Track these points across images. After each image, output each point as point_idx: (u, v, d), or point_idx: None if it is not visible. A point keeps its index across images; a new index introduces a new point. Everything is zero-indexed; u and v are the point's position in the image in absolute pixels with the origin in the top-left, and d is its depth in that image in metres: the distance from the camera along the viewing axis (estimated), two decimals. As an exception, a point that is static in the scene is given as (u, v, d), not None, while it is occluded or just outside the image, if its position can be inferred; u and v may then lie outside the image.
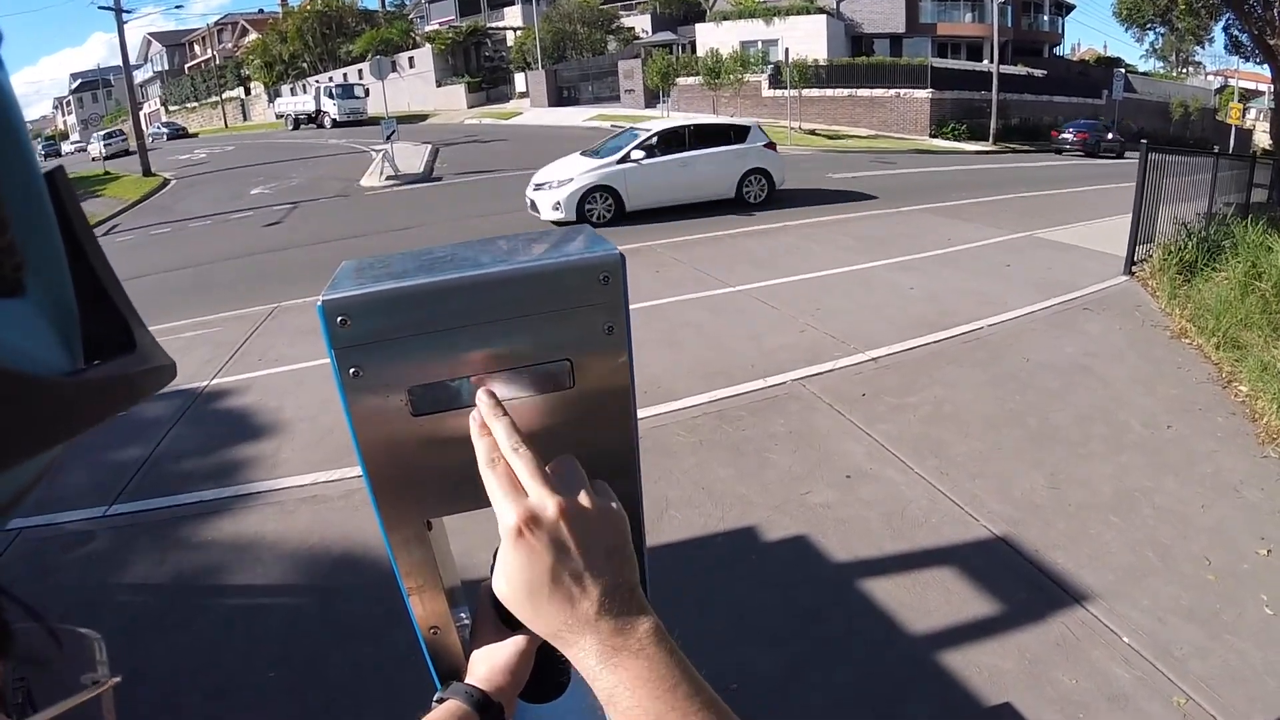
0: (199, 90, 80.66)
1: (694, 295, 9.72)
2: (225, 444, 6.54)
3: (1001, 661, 3.73)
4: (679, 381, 6.98)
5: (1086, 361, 7.11)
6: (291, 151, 36.66)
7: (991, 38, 37.12)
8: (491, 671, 1.02)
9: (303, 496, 5.58)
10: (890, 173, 23.15)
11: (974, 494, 5.10)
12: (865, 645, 3.93)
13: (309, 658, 4.06)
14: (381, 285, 0.88)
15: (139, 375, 0.44)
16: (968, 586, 4.25)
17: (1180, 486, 5.14)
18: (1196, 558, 4.41)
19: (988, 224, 13.62)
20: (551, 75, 48.59)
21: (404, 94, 51.92)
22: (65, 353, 0.39)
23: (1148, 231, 10.11)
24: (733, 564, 4.61)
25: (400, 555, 1.02)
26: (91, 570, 5.03)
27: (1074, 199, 17.09)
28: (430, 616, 1.08)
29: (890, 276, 10.31)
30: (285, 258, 14.81)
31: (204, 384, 7.83)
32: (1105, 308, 8.58)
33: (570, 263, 0.93)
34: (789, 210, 15.76)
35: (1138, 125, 40.42)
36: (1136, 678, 3.59)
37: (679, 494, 5.24)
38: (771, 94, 37.53)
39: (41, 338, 0.37)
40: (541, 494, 0.75)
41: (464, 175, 24.24)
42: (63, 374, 0.38)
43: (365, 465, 0.94)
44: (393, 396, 0.90)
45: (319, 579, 4.71)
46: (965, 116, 34.91)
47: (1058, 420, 6.03)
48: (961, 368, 7.09)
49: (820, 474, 5.45)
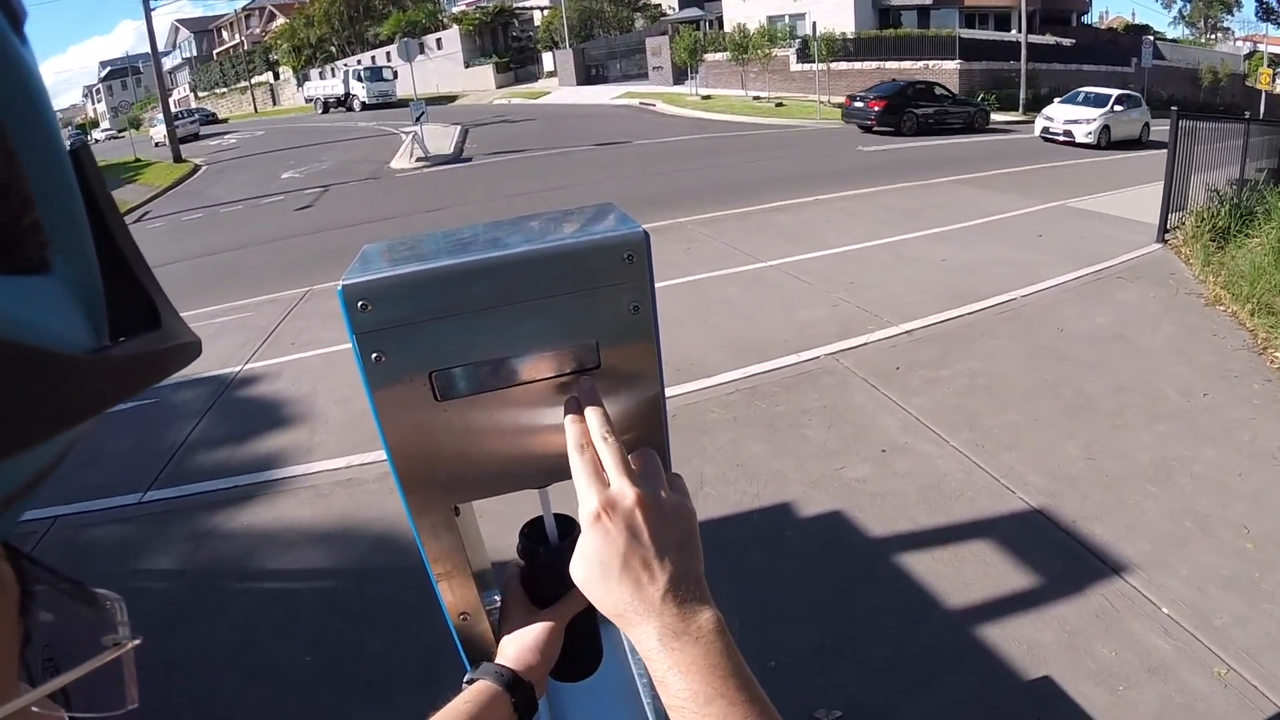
0: (228, 76, 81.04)
1: (726, 271, 9.69)
2: (259, 429, 6.59)
3: (1040, 634, 3.71)
4: (712, 358, 6.96)
5: (1121, 331, 7.04)
6: (321, 135, 36.79)
7: (1019, 7, 36.46)
8: (521, 651, 1.03)
9: (337, 480, 5.61)
10: (921, 144, 22.97)
11: (1010, 466, 5.07)
12: (902, 619, 3.92)
13: (346, 640, 4.10)
14: (403, 268, 0.88)
15: (164, 352, 0.44)
16: (1005, 559, 4.23)
17: (1218, 455, 5.07)
18: (1235, 526, 4.35)
19: (1020, 194, 13.49)
20: (579, 54, 48.42)
21: (432, 75, 51.79)
22: (91, 330, 0.39)
23: (1180, 199, 9.99)
24: (769, 540, 4.61)
25: (428, 541, 1.02)
26: (127, 557, 5.08)
27: (1105, 167, 16.89)
28: (459, 603, 1.08)
29: (923, 248, 10.24)
30: (316, 241, 14.87)
31: (237, 369, 7.88)
32: (1139, 276, 8.48)
33: (594, 242, 0.92)
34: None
35: (1167, 92, 39.88)
36: (1177, 648, 3.55)
37: (714, 471, 5.23)
38: (799, 68, 37.16)
39: (67, 315, 0.37)
40: (623, 483, 0.79)
41: (494, 155, 24.23)
42: (88, 351, 0.37)
43: (390, 451, 0.94)
44: (416, 381, 0.90)
45: (354, 562, 4.74)
46: (995, 87, 34.40)
47: (1093, 391, 5.97)
48: (996, 339, 7.03)
49: (855, 449, 5.43)
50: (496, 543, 1.24)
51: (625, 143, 25.47)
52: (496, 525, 1.54)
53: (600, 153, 23.66)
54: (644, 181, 18.12)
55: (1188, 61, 47.16)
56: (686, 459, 5.31)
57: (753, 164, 19.76)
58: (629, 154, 23.20)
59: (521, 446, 0.97)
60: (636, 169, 19.97)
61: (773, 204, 13.80)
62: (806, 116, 30.28)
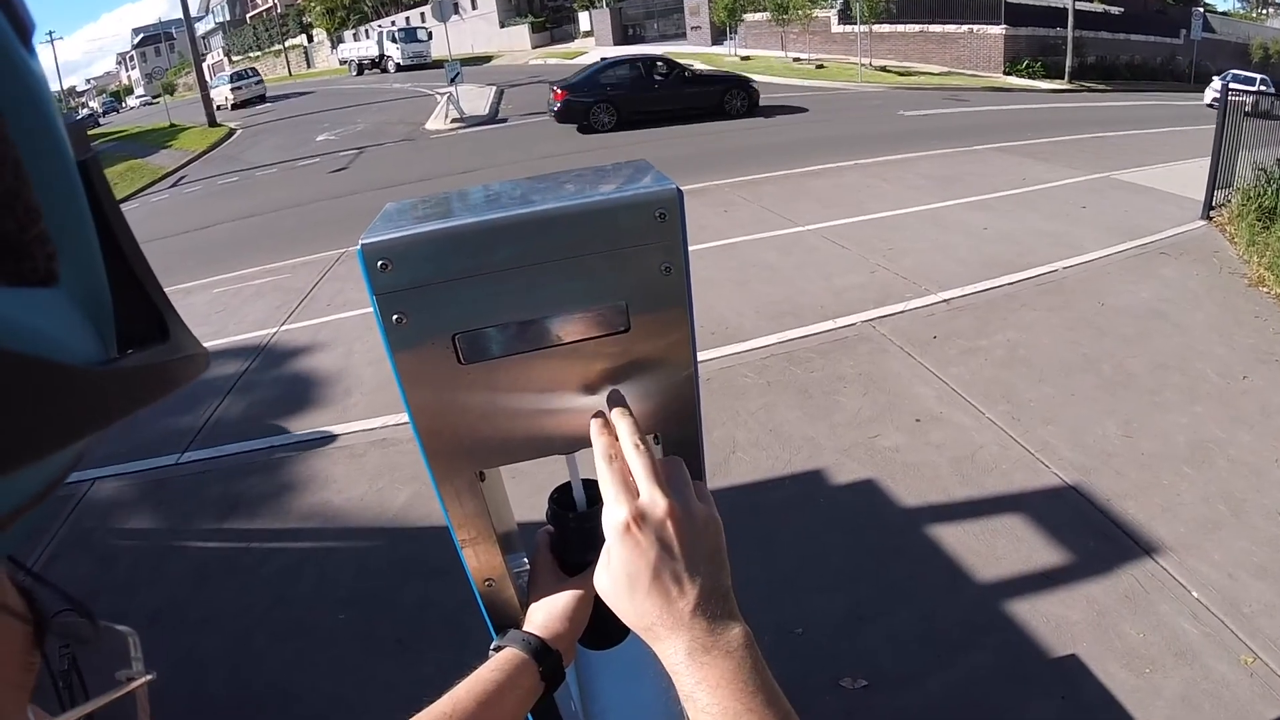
0: (261, 39, 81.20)
1: (763, 235, 9.64)
2: (295, 390, 6.66)
3: (1069, 611, 3.69)
4: (747, 322, 6.94)
5: (1162, 307, 6.92)
6: (356, 97, 36.84)
7: (1069, -29, 36.00)
8: (549, 619, 1.02)
9: (371, 440, 5.67)
10: (963, 110, 22.70)
11: (1045, 441, 5.02)
12: (931, 591, 3.92)
13: (378, 598, 4.17)
14: (424, 226, 0.86)
15: (172, 365, 0.43)
16: (1037, 534, 4.20)
17: (1255, 439, 4.98)
18: (1269, 512, 4.29)
19: (1063, 164, 13.25)
20: (616, 13, 47.97)
21: (467, 36, 51.61)
22: (98, 342, 0.39)
23: (1226, 176, 9.74)
24: (800, 506, 4.61)
25: (452, 507, 1.01)
26: (164, 517, 5.18)
27: (1151, 141, 16.55)
28: (484, 569, 1.08)
29: (963, 216, 10.11)
30: (352, 203, 14.93)
31: (274, 330, 7.96)
32: (1182, 252, 8.32)
33: (624, 199, 0.90)
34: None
35: (1216, 66, 39.11)
36: (1204, 633, 3.52)
37: (747, 436, 5.24)
38: (841, 30, 36.64)
39: (75, 327, 0.37)
40: (654, 494, 0.77)
41: (530, 116, 24.15)
42: (96, 364, 0.37)
43: (413, 416, 0.94)
44: (439, 344, 0.89)
45: (387, 521, 4.81)
46: (1040, 54, 33.82)
47: (1132, 367, 5.89)
48: (1035, 311, 6.94)
49: (889, 417, 5.40)
50: (523, 503, 1.24)
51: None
52: (525, 486, 1.54)
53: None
54: (681, 143, 17.99)
55: (1238, 36, 46.26)
56: (719, 423, 5.33)
57: (791, 127, 19.63)
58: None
59: (548, 412, 0.96)
60: (673, 131, 19.82)
61: (811, 168, 13.69)
62: (848, 79, 29.92)
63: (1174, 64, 39.98)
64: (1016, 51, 33.74)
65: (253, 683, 3.76)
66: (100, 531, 5.08)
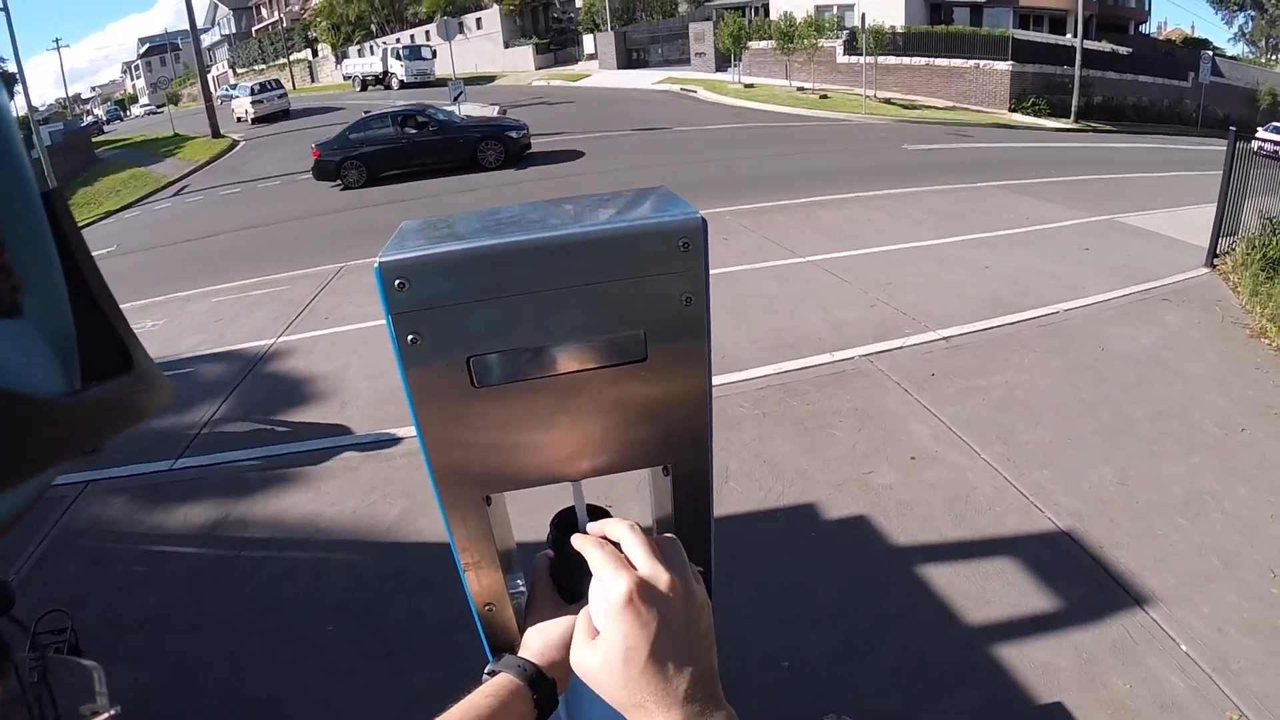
0: (266, 53, 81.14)
1: (763, 264, 9.66)
2: (290, 401, 6.67)
3: (1057, 659, 3.68)
4: (745, 351, 6.95)
5: (1163, 355, 6.91)
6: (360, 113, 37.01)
7: (1076, 11, 36.04)
8: (545, 646, 1.01)
9: (365, 454, 5.68)
10: (968, 146, 22.77)
11: (1041, 484, 5.02)
12: (919, 630, 3.91)
13: (369, 610, 4.19)
14: (442, 247, 0.86)
15: (137, 396, 0.43)
16: (1028, 579, 4.20)
17: (1250, 493, 4.97)
18: (1262, 568, 4.27)
19: (1067, 205, 13.27)
20: (620, 37, 48.15)
21: (471, 55, 51.75)
22: (62, 374, 0.39)
23: (1232, 223, 9.73)
24: (791, 539, 4.61)
25: (457, 530, 1.01)
26: (156, 522, 5.21)
27: (1156, 184, 16.57)
28: (485, 593, 1.08)
29: (965, 253, 10.12)
30: (352, 218, 15.02)
31: (271, 341, 7.96)
32: (1184, 300, 8.32)
33: (646, 226, 0.89)
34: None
35: (1224, 111, 39.23)
36: (1191, 688, 3.51)
37: (740, 466, 5.24)
38: (846, 60, 36.77)
39: (39, 359, 0.37)
40: (655, 568, 0.77)
41: (532, 137, 24.28)
42: (60, 395, 0.38)
43: (423, 438, 0.93)
44: (453, 366, 0.88)
45: (379, 535, 4.83)
46: (1046, 92, 33.94)
47: (1131, 414, 5.88)
48: (1035, 353, 6.94)
49: (884, 454, 5.40)
50: (516, 523, 1.23)
51: (665, 129, 25.45)
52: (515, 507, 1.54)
53: (639, 138, 23.68)
54: (683, 169, 18.07)
55: (1246, 81, 46.30)
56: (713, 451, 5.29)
57: (794, 156, 19.72)
58: (668, 140, 23.20)
59: (559, 439, 0.96)
60: (675, 156, 19.93)
61: (813, 198, 13.73)
62: (852, 110, 30.05)
63: (1181, 107, 40.08)
64: (1023, 89, 33.88)
65: (244, 689, 3.78)
66: (93, 534, 5.10)
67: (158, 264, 14.14)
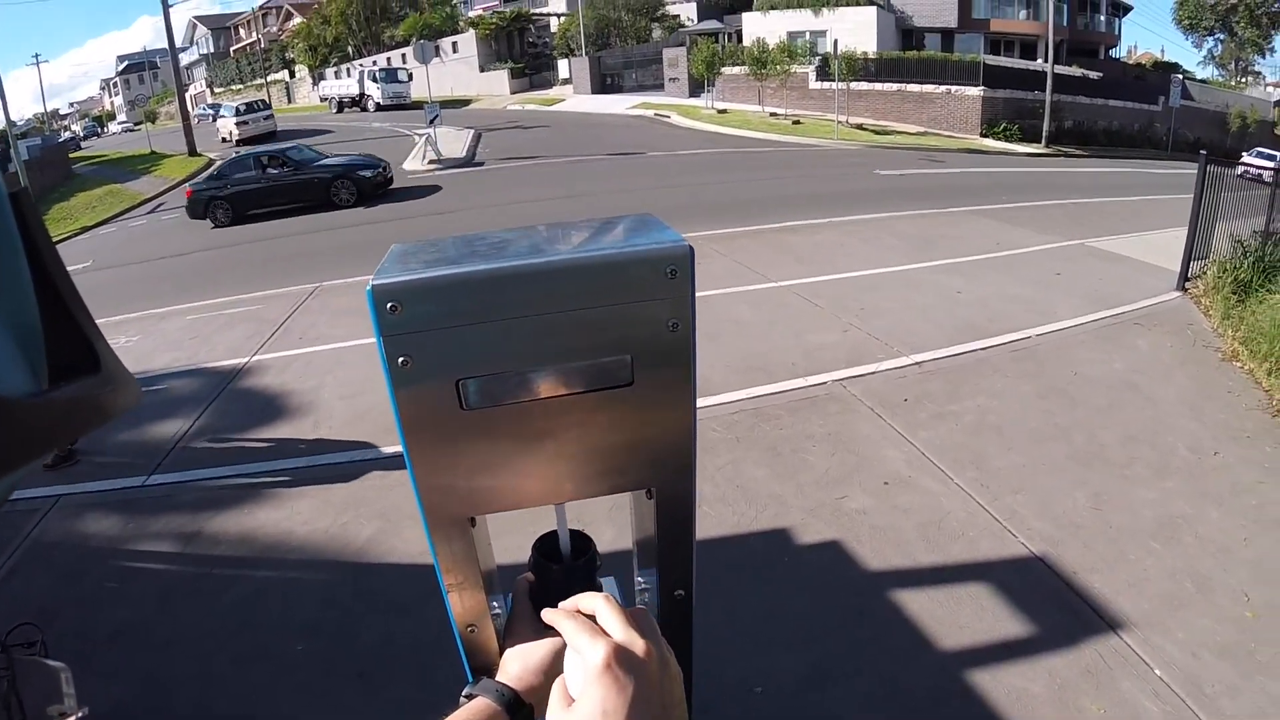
0: (244, 73, 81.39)
1: (736, 289, 9.68)
2: (264, 419, 6.64)
3: (1030, 684, 3.69)
4: (717, 376, 6.95)
5: (1134, 379, 6.97)
6: (335, 134, 36.99)
7: (1046, 36, 36.50)
8: (524, 670, 1.00)
9: (339, 474, 5.66)
10: (939, 171, 22.98)
11: (1014, 509, 5.04)
12: (892, 656, 3.91)
13: (341, 629, 4.18)
14: (435, 271, 0.86)
15: (104, 396, 0.43)
16: (1001, 604, 4.21)
17: (1223, 516, 5.01)
18: (1235, 592, 4.30)
19: (1039, 229, 13.42)
20: (595, 62, 48.47)
21: (447, 79, 51.78)
22: (29, 374, 0.39)
23: (1203, 247, 9.85)
24: (764, 565, 4.62)
25: (441, 551, 1.00)
26: (127, 538, 5.19)
27: (1127, 208, 16.80)
28: (468, 614, 1.07)
29: (937, 279, 10.19)
30: (328, 238, 15.00)
31: (245, 360, 7.93)
32: (1156, 324, 8.41)
33: (635, 254, 0.90)
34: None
35: (1194, 134, 39.78)
36: (1165, 712, 3.52)
37: (713, 491, 5.24)
38: (818, 86, 37.09)
39: (5, 360, 0.37)
40: (631, 635, 0.78)
41: (506, 161, 24.42)
42: (27, 395, 0.37)
43: (410, 458, 0.92)
44: (443, 388, 0.88)
45: (351, 555, 4.81)
46: (1017, 117, 34.34)
47: (1103, 439, 5.92)
48: (1008, 378, 6.99)
49: (857, 479, 5.41)
50: (500, 543, 1.22)
51: (639, 154, 25.61)
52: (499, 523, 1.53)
53: (613, 163, 23.80)
54: (656, 194, 18.17)
55: (1216, 104, 47.04)
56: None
57: (767, 182, 19.84)
58: (642, 165, 23.34)
59: (546, 462, 0.96)
60: (649, 181, 20.04)
61: (786, 223, 13.81)
62: (824, 136, 30.28)
63: (1152, 131, 40.65)
64: (994, 114, 34.24)
65: (215, 707, 3.77)
66: (64, 549, 5.08)
67: (132, 280, 14.09)
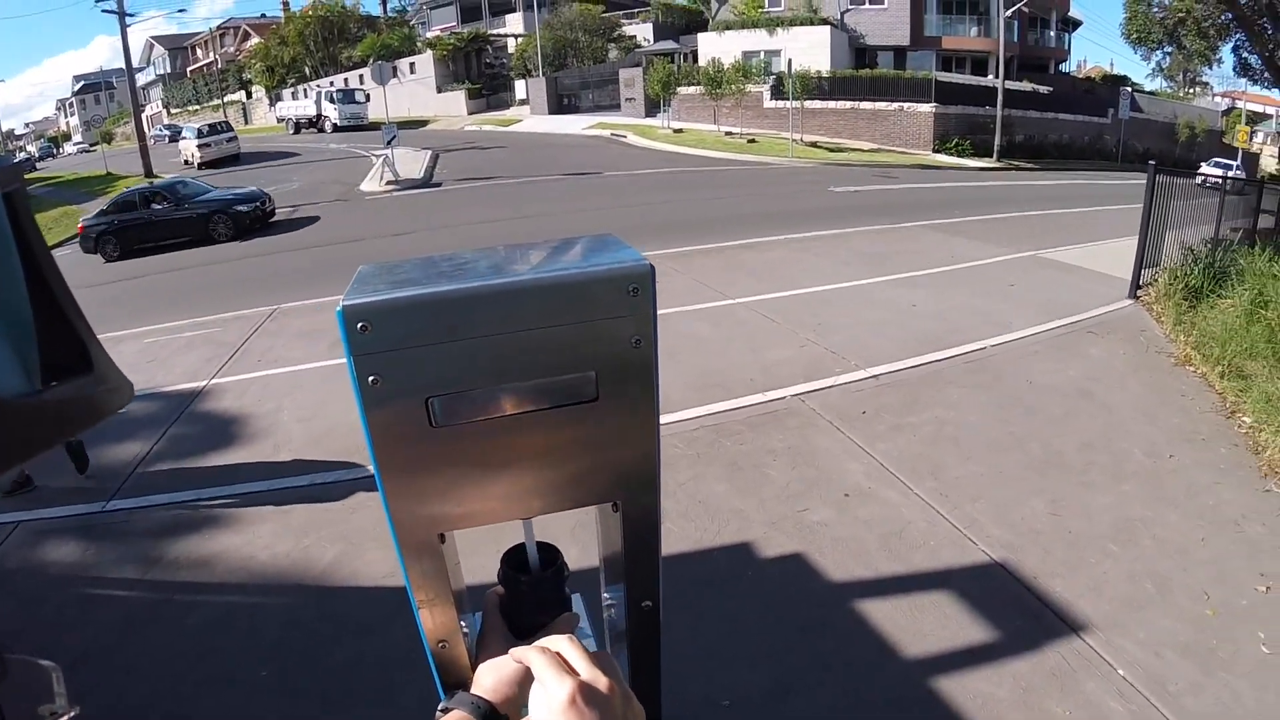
0: (201, 93, 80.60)
1: (694, 307, 9.71)
2: (223, 443, 6.58)
3: (995, 689, 3.71)
4: (677, 393, 6.96)
5: (1089, 386, 7.08)
6: (292, 155, 36.71)
7: (997, 53, 36.95)
8: (499, 683, 1.00)
9: (300, 496, 5.62)
10: (893, 187, 23.22)
11: (973, 518, 5.08)
12: (858, 666, 3.92)
13: (305, 654, 4.13)
14: (404, 291, 0.87)
15: (97, 396, 0.45)
16: (964, 611, 4.23)
17: (1180, 518, 5.09)
18: (1195, 591, 4.37)
19: (991, 242, 13.60)
20: (552, 83, 48.51)
21: (405, 99, 51.73)
22: (22, 374, 0.40)
23: (1153, 255, 10.04)
24: (728, 580, 4.61)
25: (412, 567, 1.01)
26: (88, 564, 5.12)
27: (1079, 219, 17.05)
28: (439, 630, 1.07)
29: (892, 293, 10.29)
30: (285, 260, 14.90)
31: (204, 383, 7.85)
32: (1109, 331, 8.54)
33: (599, 273, 0.91)
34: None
35: (1143, 145, 40.46)
36: (1130, 711, 3.56)
37: (675, 507, 5.23)
38: (773, 105, 37.40)
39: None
40: (595, 673, 0.80)
41: (464, 181, 24.39)
42: (21, 395, 0.39)
43: (380, 475, 0.93)
44: (412, 406, 0.89)
45: (314, 578, 4.77)
46: (969, 132, 34.82)
47: (1060, 446, 6.00)
48: (963, 388, 7.07)
49: (818, 492, 5.43)
50: (468, 563, 1.23)
51: (595, 174, 25.65)
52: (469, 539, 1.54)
53: (570, 183, 23.82)
54: (614, 214, 18.21)
55: (1165, 115, 47.87)
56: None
57: (723, 200, 19.95)
58: (599, 185, 23.39)
59: (514, 477, 0.97)
60: (606, 200, 20.09)
61: (743, 241, 13.88)
62: (779, 154, 30.46)
63: (1101, 143, 41.41)
64: (946, 129, 34.67)
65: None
66: (23, 575, 5.03)
67: (88, 303, 13.37)
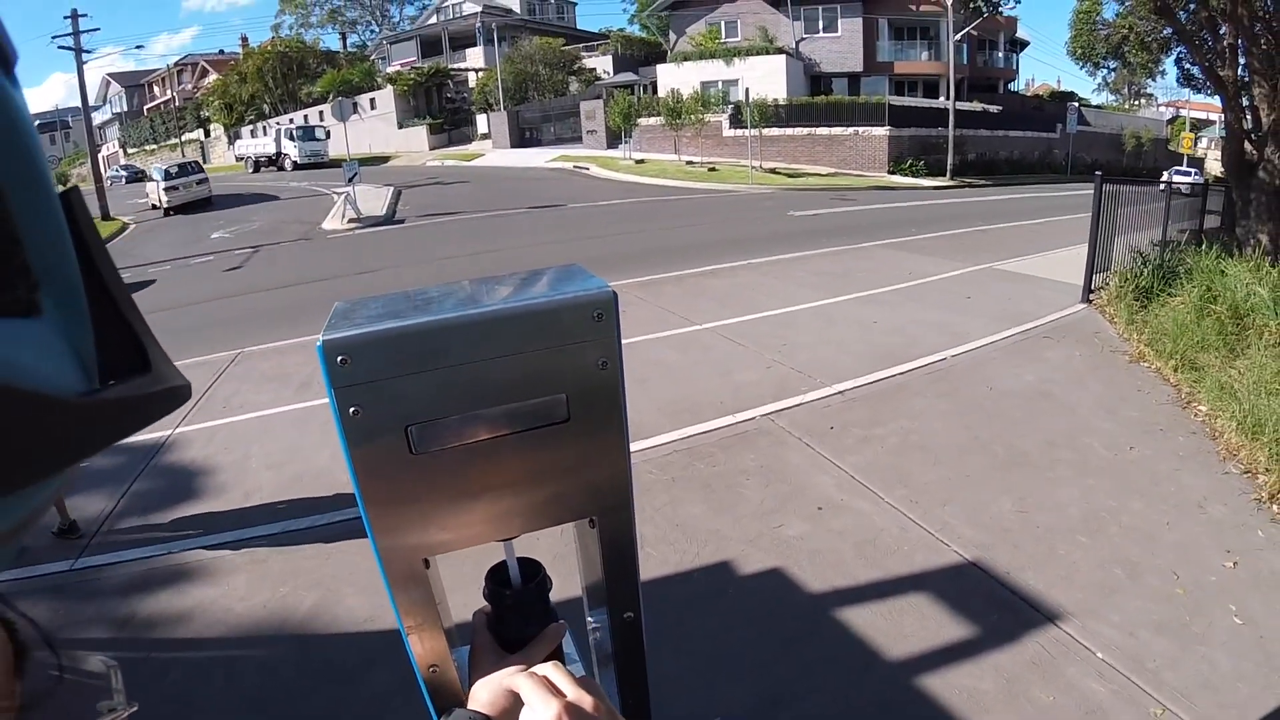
0: (158, 132, 78.95)
1: (661, 334, 9.73)
2: (192, 494, 6.44)
3: (979, 683, 3.76)
4: (648, 419, 6.97)
5: (1048, 388, 7.22)
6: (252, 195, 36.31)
7: (948, 76, 37.48)
8: (495, 695, 1.01)
9: (274, 545, 5.52)
10: (850, 209, 23.40)
11: (944, 521, 5.15)
12: (843, 672, 3.95)
13: (287, 705, 4.03)
14: (381, 325, 0.90)
15: (154, 396, 0.44)
16: (942, 610, 4.29)
17: (1145, 506, 5.22)
18: (1164, 573, 4.48)
19: (947, 258, 13.78)
20: (513, 116, 48.62)
21: (365, 136, 51.33)
22: (81, 373, 0.39)
23: (1104, 260, 10.30)
24: (709, 599, 4.62)
25: (399, 593, 1.03)
26: (58, 624, 4.93)
27: (1031, 231, 17.33)
28: (429, 654, 1.09)
29: (853, 311, 10.40)
30: (247, 302, 14.68)
31: (168, 433, 7.71)
32: (1065, 335, 8.71)
33: (565, 300, 0.96)
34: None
35: (1091, 157, 41.01)
36: (1113, 691, 3.63)
37: (653, 531, 5.24)
38: (732, 133, 37.67)
39: (57, 358, 0.37)
40: (580, 693, 0.83)
41: (427, 217, 24.22)
42: (78, 394, 0.38)
43: (364, 504, 0.96)
44: (392, 434, 0.92)
45: (293, 628, 4.66)
46: (923, 153, 35.28)
47: (1023, 446, 6.10)
48: (927, 398, 7.17)
49: (792, 507, 5.47)
50: (453, 598, 1.25)
51: (559, 206, 25.62)
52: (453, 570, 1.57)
53: (534, 216, 23.72)
54: (579, 245, 18.17)
55: (1111, 127, 48.64)
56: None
57: (686, 228, 19.98)
58: (563, 217, 23.30)
59: (493, 499, 1.00)
60: (570, 233, 20.06)
61: (706, 268, 13.91)
62: (739, 181, 30.66)
63: (1051, 157, 42.04)
64: (900, 151, 35.06)
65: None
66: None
67: None
